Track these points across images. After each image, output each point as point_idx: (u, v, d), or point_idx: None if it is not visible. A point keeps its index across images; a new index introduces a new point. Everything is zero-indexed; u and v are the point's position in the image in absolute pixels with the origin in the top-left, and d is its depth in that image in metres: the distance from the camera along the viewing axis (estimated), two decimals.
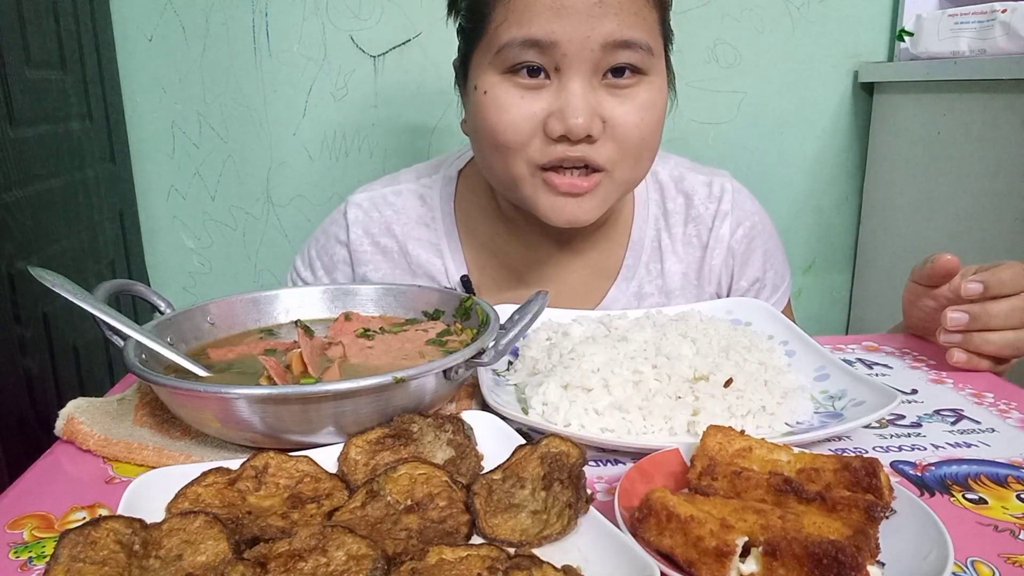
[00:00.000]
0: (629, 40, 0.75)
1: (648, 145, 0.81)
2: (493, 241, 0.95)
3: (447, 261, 0.95)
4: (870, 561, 0.41)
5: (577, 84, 0.75)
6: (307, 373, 0.61)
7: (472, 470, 0.54)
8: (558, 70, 0.76)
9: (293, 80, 1.57)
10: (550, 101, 0.76)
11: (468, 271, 0.95)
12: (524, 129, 0.77)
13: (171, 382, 0.56)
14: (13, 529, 0.50)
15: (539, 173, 0.79)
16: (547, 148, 0.77)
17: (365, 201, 0.98)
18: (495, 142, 0.79)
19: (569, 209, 0.80)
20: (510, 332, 0.63)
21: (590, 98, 0.76)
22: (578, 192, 0.79)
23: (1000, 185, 1.29)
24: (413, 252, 0.96)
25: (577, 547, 0.45)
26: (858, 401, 0.64)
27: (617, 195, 0.83)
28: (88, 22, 1.38)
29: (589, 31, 0.74)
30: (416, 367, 0.56)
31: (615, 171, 0.80)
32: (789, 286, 1.03)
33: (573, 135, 0.75)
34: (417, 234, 0.96)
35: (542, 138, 0.77)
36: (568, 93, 0.75)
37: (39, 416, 1.13)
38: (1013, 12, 1.27)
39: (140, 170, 1.60)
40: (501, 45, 0.76)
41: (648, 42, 0.77)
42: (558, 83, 0.76)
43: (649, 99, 0.79)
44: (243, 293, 0.75)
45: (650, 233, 0.97)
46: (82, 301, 0.61)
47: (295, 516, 0.49)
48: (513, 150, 0.78)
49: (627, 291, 0.96)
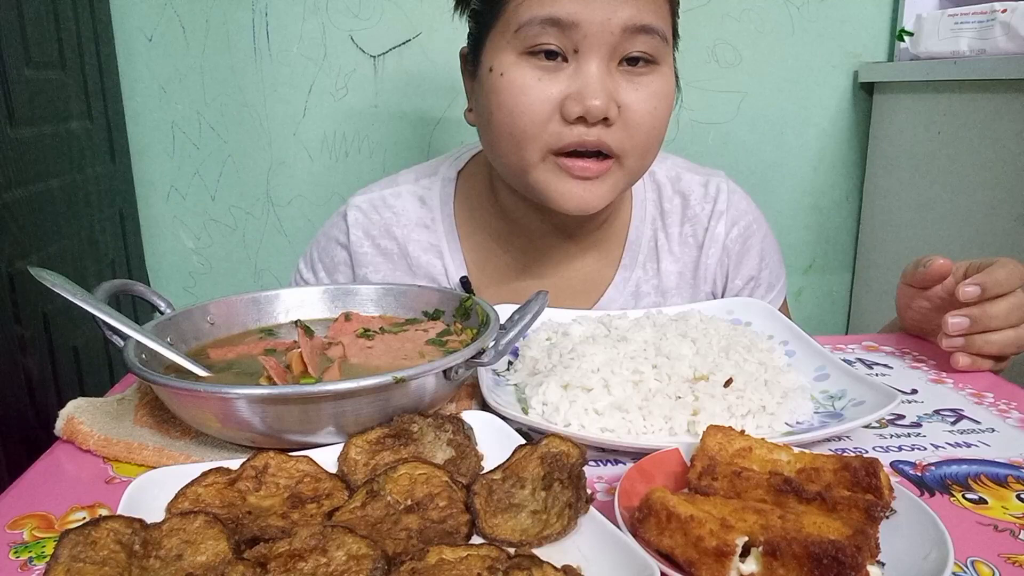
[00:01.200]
0: (648, 25, 0.76)
1: (657, 135, 0.81)
2: (492, 242, 0.96)
3: (447, 262, 0.96)
4: (870, 561, 0.41)
5: (595, 66, 0.76)
6: (307, 373, 0.61)
7: (472, 470, 0.54)
8: (576, 52, 0.76)
9: (293, 80, 1.57)
10: (567, 83, 0.77)
11: (468, 272, 0.95)
12: (541, 111, 0.77)
13: (171, 382, 0.56)
14: (13, 529, 0.50)
15: (552, 158, 0.79)
16: (563, 131, 0.77)
17: (364, 203, 0.98)
18: (511, 126, 0.79)
19: (579, 194, 0.80)
20: (510, 332, 0.63)
21: (607, 82, 0.76)
22: (590, 176, 0.79)
23: (1000, 185, 1.29)
24: (413, 253, 0.96)
25: (577, 547, 0.45)
26: (858, 401, 0.64)
27: (624, 184, 0.84)
28: (88, 22, 1.38)
29: (611, 13, 0.74)
30: (416, 367, 0.56)
31: (625, 159, 0.80)
32: (784, 287, 1.03)
33: (591, 116, 0.75)
34: (417, 236, 0.96)
35: (558, 121, 0.77)
36: (586, 75, 0.76)
37: (39, 416, 1.13)
38: (1013, 12, 1.27)
39: (140, 170, 1.60)
40: (520, 24, 0.76)
41: (664, 30, 0.78)
42: (576, 65, 0.77)
43: (662, 88, 0.79)
44: (243, 293, 0.75)
45: (647, 233, 0.97)
46: (82, 301, 0.61)
47: (295, 516, 0.49)
48: (529, 135, 0.78)
49: (624, 291, 0.96)
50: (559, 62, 0.77)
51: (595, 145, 0.77)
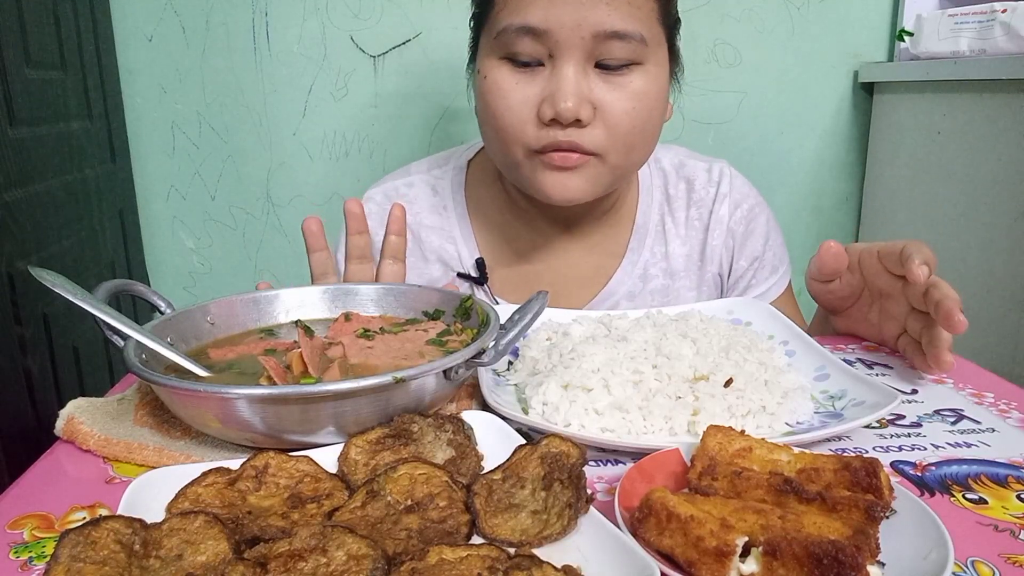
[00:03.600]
0: (620, 31, 0.77)
1: (641, 133, 0.83)
2: (503, 226, 0.98)
3: (460, 247, 0.98)
4: (870, 561, 0.41)
5: (569, 69, 0.78)
6: (307, 373, 0.61)
7: (472, 470, 0.54)
8: (552, 56, 0.79)
9: (293, 80, 1.57)
10: (543, 86, 0.79)
11: (481, 255, 0.98)
12: (520, 113, 0.80)
13: (171, 382, 0.55)
14: (13, 529, 0.50)
15: (535, 156, 0.82)
16: (540, 133, 0.80)
17: (379, 195, 1.01)
18: (495, 127, 0.83)
19: (561, 183, 0.82)
20: (510, 332, 0.63)
21: (582, 83, 0.78)
22: (569, 165, 0.81)
23: (1000, 185, 1.29)
24: (426, 240, 0.99)
25: (577, 547, 0.45)
26: (858, 401, 0.64)
27: (609, 179, 0.85)
28: (88, 22, 1.38)
29: (580, 20, 0.76)
30: (416, 367, 0.56)
31: (607, 156, 0.82)
32: (788, 271, 1.04)
33: (562, 118, 0.77)
34: (430, 222, 0.99)
35: (535, 123, 0.80)
36: (559, 78, 0.78)
37: (39, 416, 1.13)
38: (1013, 12, 1.27)
39: (140, 170, 1.60)
40: (499, 30, 0.79)
41: (641, 33, 0.78)
42: (551, 69, 0.79)
43: (642, 88, 0.80)
44: (243, 293, 0.75)
45: (654, 217, 1.00)
46: (82, 301, 0.61)
47: (295, 516, 0.49)
48: (511, 135, 0.82)
49: (632, 273, 0.98)
50: (536, 66, 0.80)
51: (569, 146, 0.80)
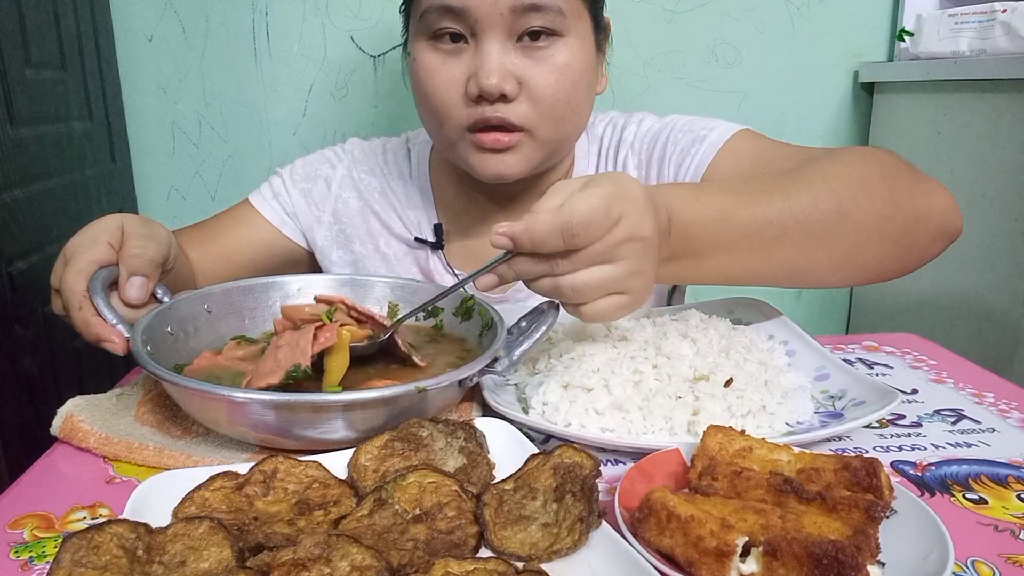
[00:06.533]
0: (537, 3, 0.78)
1: (567, 105, 0.84)
2: (456, 198, 1.01)
3: (419, 213, 1.01)
4: (870, 561, 0.41)
5: (491, 46, 0.79)
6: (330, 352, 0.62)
7: (483, 479, 0.53)
8: (474, 35, 0.80)
9: (293, 80, 1.57)
10: (468, 64, 0.81)
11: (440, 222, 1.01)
12: (448, 92, 0.82)
13: (183, 381, 0.56)
14: (13, 529, 0.50)
15: (467, 135, 0.83)
16: (469, 110, 0.82)
17: (363, 142, 1.07)
18: (427, 108, 0.85)
19: (493, 164, 0.84)
20: (524, 343, 0.63)
21: (504, 59, 0.80)
22: (501, 147, 0.83)
23: (1000, 185, 1.29)
24: (390, 199, 1.02)
25: (588, 563, 0.44)
26: (858, 401, 0.64)
27: (542, 153, 0.86)
28: (88, 22, 1.38)
29: None
30: (436, 378, 0.57)
31: (536, 130, 0.83)
32: (727, 129, 0.91)
33: (487, 95, 0.79)
34: (395, 186, 1.03)
35: (464, 100, 0.82)
36: (482, 55, 0.80)
37: (39, 416, 1.12)
38: (1013, 12, 1.27)
39: (140, 170, 1.60)
40: (422, 11, 0.81)
41: (559, 5, 0.80)
42: (475, 46, 0.81)
43: (565, 60, 0.82)
44: (239, 281, 0.77)
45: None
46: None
47: (301, 523, 0.48)
48: (442, 115, 0.83)
49: None
50: (461, 44, 0.81)
51: (499, 121, 0.81)
